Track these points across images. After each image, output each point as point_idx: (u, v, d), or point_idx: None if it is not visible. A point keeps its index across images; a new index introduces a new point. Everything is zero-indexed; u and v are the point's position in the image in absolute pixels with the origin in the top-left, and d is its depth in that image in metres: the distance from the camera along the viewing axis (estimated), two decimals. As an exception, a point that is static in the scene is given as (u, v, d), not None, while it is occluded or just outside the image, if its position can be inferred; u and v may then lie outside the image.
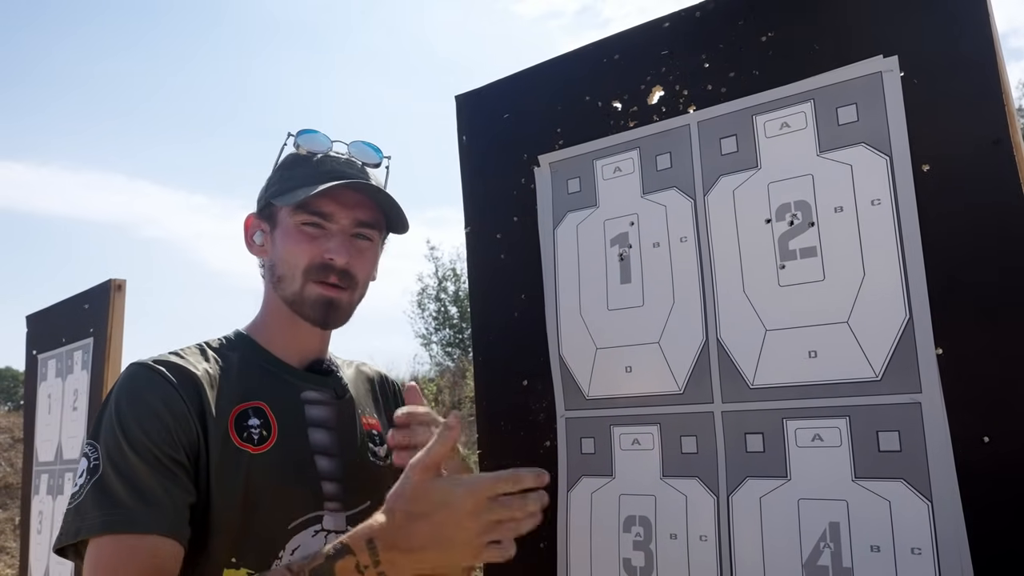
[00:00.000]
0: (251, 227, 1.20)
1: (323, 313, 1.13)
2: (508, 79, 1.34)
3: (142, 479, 0.96)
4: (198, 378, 1.05)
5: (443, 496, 0.84)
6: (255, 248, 1.19)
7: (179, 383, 1.03)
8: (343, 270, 1.12)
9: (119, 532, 0.93)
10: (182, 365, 1.06)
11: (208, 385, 1.06)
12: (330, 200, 1.12)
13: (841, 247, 0.99)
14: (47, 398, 2.84)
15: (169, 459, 0.99)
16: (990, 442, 0.87)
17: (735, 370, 1.05)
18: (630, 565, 1.10)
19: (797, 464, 0.99)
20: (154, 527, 0.94)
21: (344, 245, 1.12)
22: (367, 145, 1.21)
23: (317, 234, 1.12)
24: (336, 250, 1.11)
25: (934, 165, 0.94)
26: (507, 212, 1.31)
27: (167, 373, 1.04)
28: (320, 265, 1.11)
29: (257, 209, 1.20)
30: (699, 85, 1.12)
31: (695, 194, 1.11)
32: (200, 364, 1.09)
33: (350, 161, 1.17)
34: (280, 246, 1.14)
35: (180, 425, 1.01)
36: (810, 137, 1.03)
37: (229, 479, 1.02)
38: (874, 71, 0.99)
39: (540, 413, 1.23)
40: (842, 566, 0.94)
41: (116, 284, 2.52)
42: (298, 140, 1.17)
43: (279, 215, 1.15)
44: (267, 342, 1.17)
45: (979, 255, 0.90)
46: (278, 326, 1.17)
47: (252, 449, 1.05)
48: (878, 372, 0.95)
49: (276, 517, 1.05)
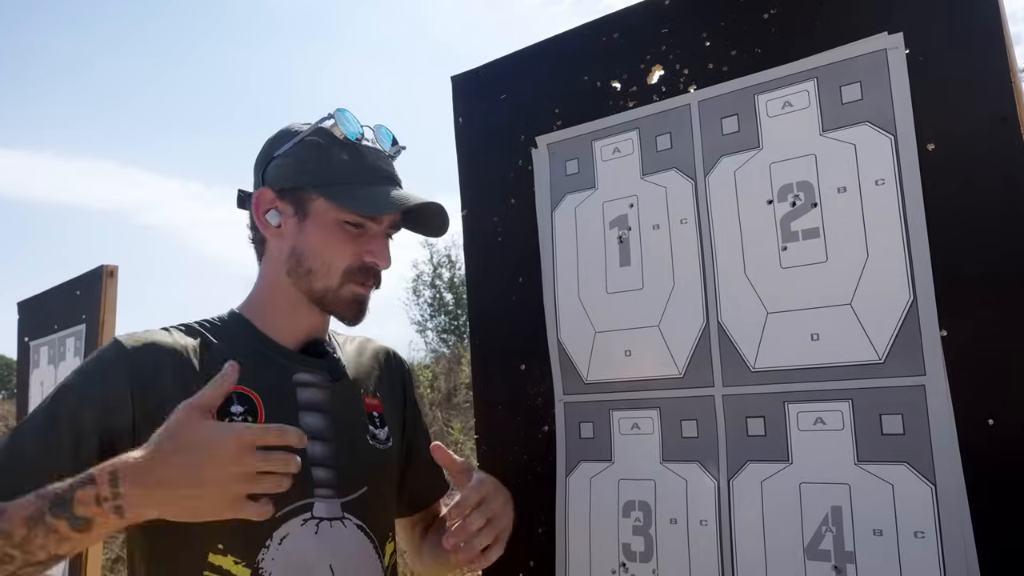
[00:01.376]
0: (266, 202, 1.13)
1: (356, 312, 1.14)
2: (505, 59, 1.32)
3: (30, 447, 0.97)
4: (169, 361, 1.04)
5: (206, 435, 0.85)
6: (268, 228, 1.13)
7: (140, 366, 1.03)
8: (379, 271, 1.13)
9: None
10: (157, 345, 1.05)
11: (183, 368, 1.04)
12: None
13: (844, 228, 0.97)
14: (40, 385, 2.82)
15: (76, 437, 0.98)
16: (994, 424, 0.86)
17: (736, 353, 1.04)
18: (629, 550, 1.10)
19: (799, 448, 0.98)
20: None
21: (385, 249, 1.14)
22: (387, 134, 1.18)
23: (357, 234, 1.11)
24: (379, 254, 1.12)
25: (939, 144, 0.92)
26: (504, 194, 1.29)
27: (131, 356, 1.03)
28: (362, 267, 1.12)
29: (277, 186, 1.12)
30: (700, 64, 1.10)
31: (695, 175, 1.10)
32: (181, 344, 1.07)
33: (380, 153, 1.15)
34: (314, 238, 1.10)
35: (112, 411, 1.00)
36: (813, 116, 1.01)
37: None
38: (878, 48, 0.97)
39: (538, 398, 1.22)
40: (844, 550, 0.93)
41: (108, 270, 2.50)
42: (337, 118, 1.12)
43: (314, 204, 1.10)
44: (262, 322, 1.15)
45: (984, 235, 0.89)
46: (278, 308, 1.15)
47: None
48: (881, 355, 0.93)
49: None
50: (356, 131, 1.12)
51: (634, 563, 1.09)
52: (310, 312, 1.15)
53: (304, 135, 1.12)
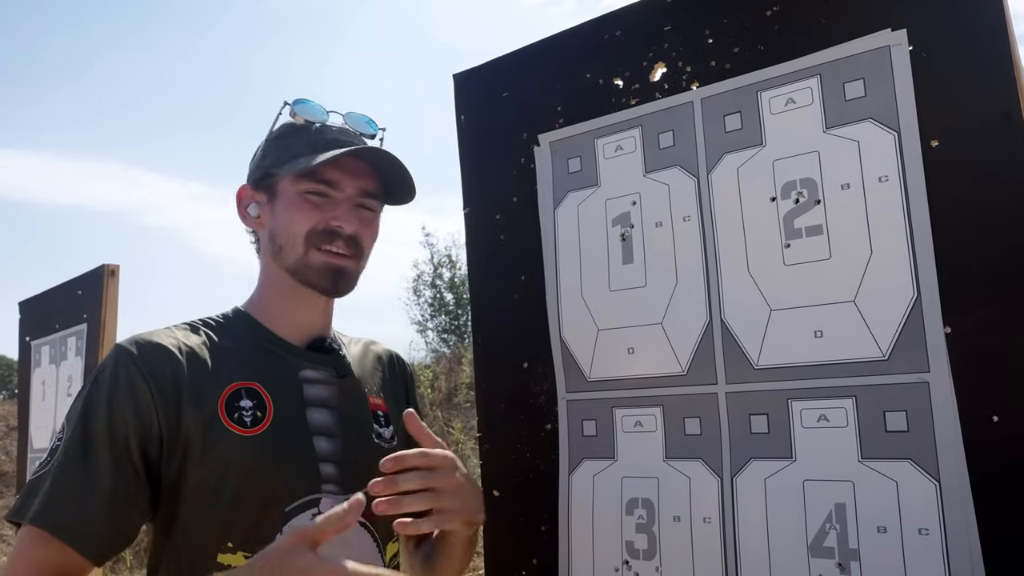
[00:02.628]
0: (244, 198, 1.17)
1: (331, 280, 1.12)
2: (507, 57, 1.32)
3: (79, 480, 0.97)
4: (179, 360, 1.04)
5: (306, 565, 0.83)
6: (250, 220, 1.17)
7: (152, 369, 1.02)
8: (351, 237, 1.11)
9: (43, 529, 0.95)
10: (163, 347, 1.04)
11: (190, 367, 1.04)
12: (335, 169, 1.10)
13: (848, 225, 0.97)
14: (41, 385, 2.82)
15: (120, 461, 0.99)
16: (999, 421, 0.86)
17: (739, 351, 1.03)
18: (633, 548, 1.09)
19: (802, 445, 0.98)
20: (72, 539, 0.95)
21: (351, 213, 1.12)
22: (363, 117, 1.19)
23: (321, 202, 1.10)
24: (344, 217, 1.10)
25: (943, 141, 0.92)
26: (506, 192, 1.29)
27: (141, 361, 1.02)
28: (324, 231, 1.10)
29: (251, 180, 1.16)
30: (702, 61, 1.10)
31: (698, 172, 1.10)
32: (188, 343, 1.07)
33: (347, 131, 1.15)
34: (281, 215, 1.12)
35: (143, 420, 1.00)
36: (816, 113, 1.01)
37: (215, 462, 1.01)
38: (882, 45, 0.96)
39: (541, 396, 1.21)
40: (848, 547, 0.93)
41: (110, 269, 2.50)
42: (295, 108, 1.14)
43: (279, 185, 1.12)
44: (266, 319, 1.15)
45: (989, 232, 0.88)
46: (278, 301, 1.15)
47: (243, 431, 1.03)
48: (885, 351, 0.93)
49: (273, 500, 1.03)
50: (317, 116, 1.14)
51: (637, 561, 1.09)
52: (308, 302, 1.14)
53: (272, 130, 1.16)
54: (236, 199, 1.17)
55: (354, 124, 1.17)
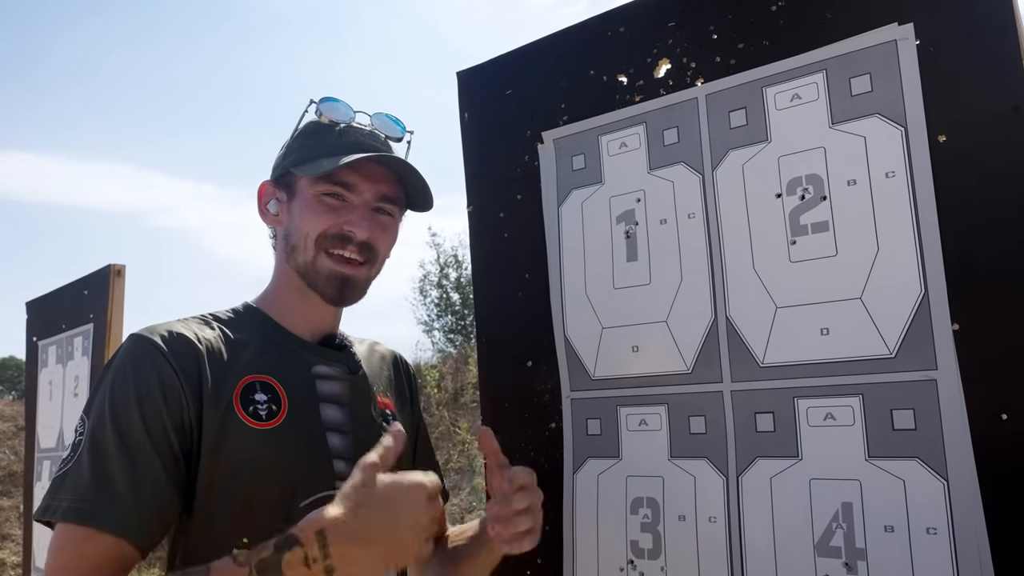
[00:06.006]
0: (265, 195, 1.17)
1: (337, 289, 1.11)
2: (511, 54, 1.31)
3: (116, 469, 0.95)
4: (199, 350, 1.03)
5: (393, 491, 0.87)
6: (269, 217, 1.16)
7: (177, 357, 1.01)
8: (365, 243, 1.10)
9: (79, 523, 0.93)
10: (185, 336, 1.04)
11: (209, 358, 1.03)
12: (354, 172, 1.09)
13: (854, 221, 0.96)
14: (48, 385, 2.83)
15: (156, 444, 0.97)
16: (1008, 419, 0.85)
17: (745, 348, 1.03)
18: (637, 547, 1.09)
19: (809, 444, 0.97)
20: (112, 526, 0.92)
21: (366, 218, 1.10)
22: (390, 118, 1.18)
23: (338, 206, 1.10)
24: (358, 223, 1.09)
25: (951, 135, 0.91)
26: (510, 190, 1.28)
27: (165, 348, 1.01)
28: (336, 235, 1.09)
29: (273, 177, 1.16)
30: (707, 57, 1.09)
31: (703, 169, 1.09)
32: (203, 335, 1.06)
33: (373, 133, 1.15)
34: (297, 215, 1.11)
35: (173, 406, 0.99)
36: (822, 109, 1.00)
37: (230, 455, 1.00)
38: (888, 39, 0.96)
39: (545, 394, 1.21)
40: (855, 547, 0.92)
41: (116, 269, 2.51)
42: (320, 108, 1.13)
43: (298, 184, 1.12)
44: (278, 315, 1.14)
45: (997, 227, 0.87)
46: (289, 298, 1.15)
47: (258, 425, 1.02)
48: (892, 349, 0.92)
49: (287, 495, 1.03)
50: (343, 116, 1.14)
51: (642, 560, 1.08)
52: (317, 302, 1.14)
53: (297, 128, 1.16)
54: (258, 194, 1.17)
55: (381, 126, 1.16)
